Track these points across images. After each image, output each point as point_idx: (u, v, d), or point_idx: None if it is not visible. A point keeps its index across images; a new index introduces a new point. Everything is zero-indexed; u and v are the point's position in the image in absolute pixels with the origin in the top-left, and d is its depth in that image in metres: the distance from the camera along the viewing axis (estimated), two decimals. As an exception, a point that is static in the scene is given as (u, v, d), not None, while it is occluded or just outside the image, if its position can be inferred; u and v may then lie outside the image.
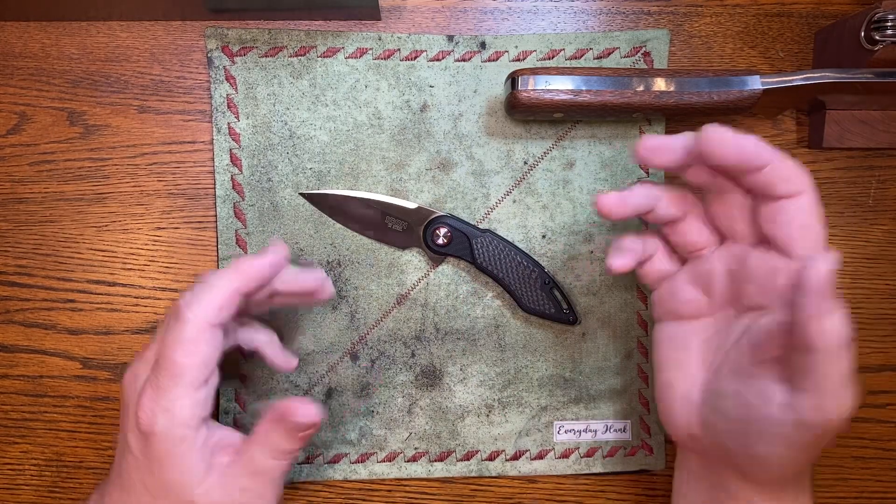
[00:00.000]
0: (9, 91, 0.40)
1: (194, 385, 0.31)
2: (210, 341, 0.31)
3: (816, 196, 0.30)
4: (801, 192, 0.30)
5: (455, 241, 0.40)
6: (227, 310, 0.31)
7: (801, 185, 0.30)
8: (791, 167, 0.30)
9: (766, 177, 0.30)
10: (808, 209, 0.30)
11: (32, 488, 0.42)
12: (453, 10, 0.41)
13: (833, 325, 0.26)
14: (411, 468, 0.42)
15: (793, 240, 0.30)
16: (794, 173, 0.30)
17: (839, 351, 0.27)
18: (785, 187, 0.30)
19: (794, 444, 0.29)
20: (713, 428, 0.33)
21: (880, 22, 0.36)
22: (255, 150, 0.40)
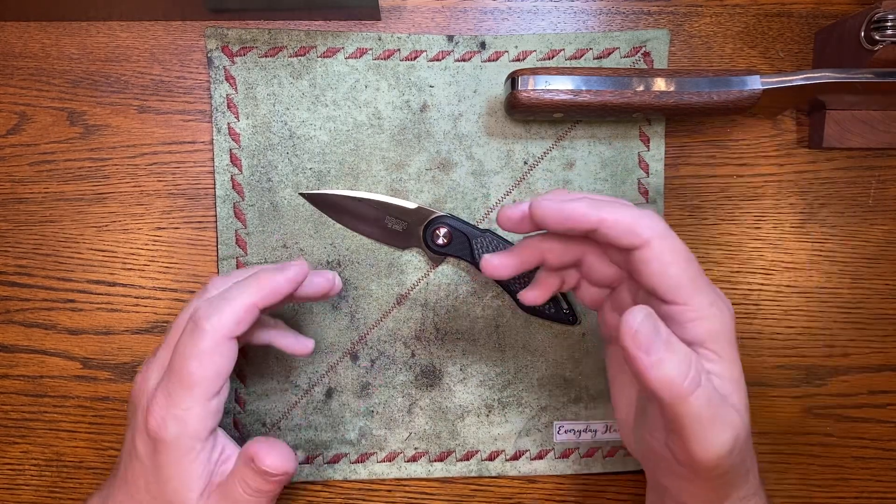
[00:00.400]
0: (9, 91, 0.40)
1: (207, 396, 0.31)
2: (225, 353, 0.31)
3: (666, 240, 0.29)
4: (646, 243, 0.29)
5: (455, 241, 0.40)
6: (244, 323, 0.32)
7: (642, 235, 0.29)
8: (628, 221, 0.29)
9: (603, 235, 0.30)
10: (657, 257, 0.29)
11: (32, 488, 0.42)
12: (453, 10, 0.41)
13: (665, 375, 0.27)
14: (411, 468, 0.42)
15: (653, 288, 0.30)
16: (633, 226, 0.29)
17: (685, 398, 0.27)
18: (626, 241, 0.29)
19: (688, 478, 0.30)
20: (636, 451, 0.34)
21: (880, 22, 0.36)
22: (255, 150, 0.40)
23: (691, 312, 0.29)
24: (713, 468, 0.28)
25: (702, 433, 0.27)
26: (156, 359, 0.33)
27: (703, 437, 0.28)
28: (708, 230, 0.42)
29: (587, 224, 0.30)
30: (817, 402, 0.43)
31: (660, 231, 0.29)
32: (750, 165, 0.42)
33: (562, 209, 0.30)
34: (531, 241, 0.34)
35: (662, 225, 0.29)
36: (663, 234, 0.29)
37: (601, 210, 0.29)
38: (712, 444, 0.28)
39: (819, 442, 0.43)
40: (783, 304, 0.43)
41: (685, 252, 0.29)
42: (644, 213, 0.30)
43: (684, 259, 0.29)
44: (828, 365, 0.43)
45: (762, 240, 0.42)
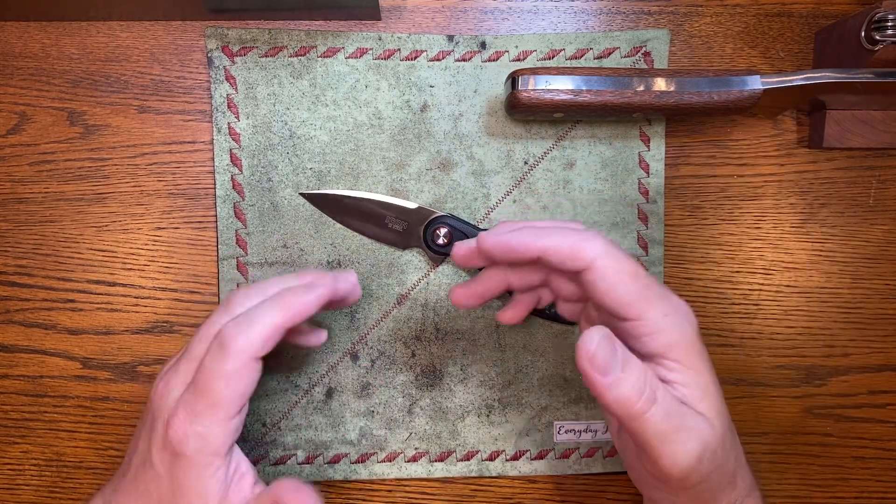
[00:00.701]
0: (9, 91, 0.40)
1: (230, 415, 0.31)
2: (251, 375, 0.31)
3: (609, 259, 0.30)
4: (589, 265, 0.30)
5: (455, 241, 0.40)
6: (271, 343, 0.32)
7: (585, 258, 0.30)
8: (569, 246, 0.30)
9: (549, 262, 0.31)
10: (602, 277, 0.29)
11: (32, 488, 0.42)
12: (453, 10, 0.41)
13: (619, 396, 0.27)
14: (411, 468, 0.42)
15: (605, 306, 0.30)
16: (573, 250, 0.30)
17: (640, 416, 0.27)
18: (570, 265, 0.30)
19: (668, 490, 0.30)
20: (624, 462, 0.35)
21: (880, 22, 0.36)
22: (255, 150, 0.40)
23: (645, 327, 0.29)
24: (684, 479, 0.29)
25: (665, 447, 0.28)
26: (178, 372, 0.33)
27: (666, 450, 0.28)
28: (708, 230, 0.42)
29: (530, 253, 0.31)
30: (817, 402, 0.43)
31: (600, 251, 0.30)
32: (750, 165, 0.42)
33: (507, 242, 0.31)
34: (494, 269, 0.35)
35: (604, 245, 0.30)
36: (604, 254, 0.30)
37: (542, 239, 0.30)
38: (678, 456, 0.28)
39: (819, 442, 0.43)
40: (783, 304, 0.43)
41: (631, 268, 0.30)
42: (586, 235, 0.30)
43: (629, 275, 0.30)
44: (828, 365, 0.43)
45: (762, 240, 0.42)
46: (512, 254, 0.31)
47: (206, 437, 0.31)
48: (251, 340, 0.31)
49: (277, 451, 0.41)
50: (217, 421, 0.31)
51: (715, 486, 0.30)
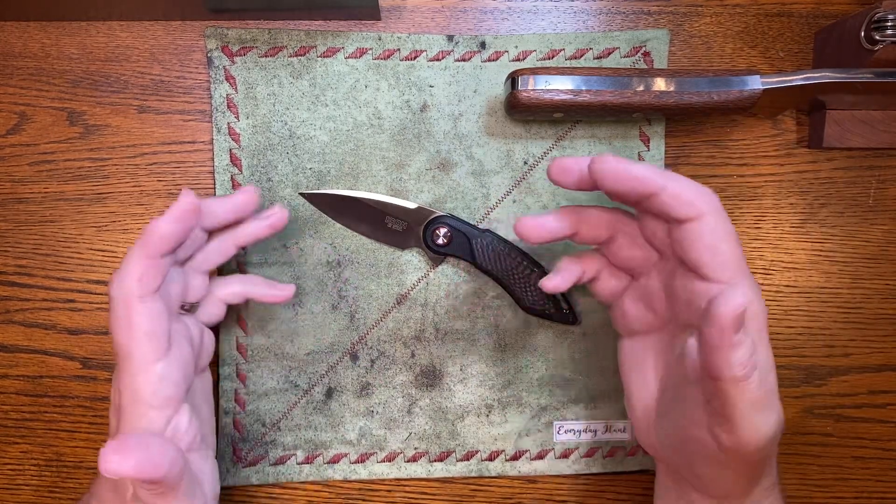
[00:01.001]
0: (9, 91, 0.40)
1: (146, 360, 0.31)
2: (145, 314, 0.31)
3: (720, 217, 0.29)
4: (702, 215, 0.29)
5: (455, 241, 0.40)
6: (149, 277, 0.31)
7: (700, 207, 0.29)
8: (688, 191, 0.29)
9: (661, 202, 0.30)
10: (712, 231, 0.29)
11: (32, 488, 0.42)
12: (453, 10, 0.41)
13: (737, 358, 0.26)
14: (411, 468, 0.42)
15: (701, 263, 0.30)
16: (692, 196, 0.29)
17: (744, 380, 0.27)
18: (684, 211, 0.29)
19: (726, 464, 0.30)
20: (663, 442, 0.34)
21: (880, 22, 0.36)
22: (255, 150, 0.40)
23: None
24: (756, 451, 0.28)
25: (751, 417, 0.27)
26: None
27: (751, 420, 0.28)
28: (708, 230, 0.42)
29: (649, 188, 0.29)
30: (817, 402, 0.43)
31: (716, 206, 0.29)
32: (750, 165, 0.42)
33: (628, 169, 0.30)
34: (570, 207, 0.34)
35: (718, 203, 0.30)
36: (719, 210, 0.29)
37: (664, 176, 0.30)
38: (760, 427, 0.28)
39: (819, 442, 0.43)
40: (783, 304, 0.43)
41: (735, 235, 0.30)
42: (704, 189, 0.30)
43: (735, 240, 0.29)
44: (828, 365, 0.43)
45: (762, 240, 0.42)
46: (628, 182, 0.30)
47: (132, 387, 0.31)
48: (125, 281, 0.31)
49: (277, 451, 0.41)
50: (137, 370, 0.30)
51: (768, 465, 0.30)
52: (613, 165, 0.30)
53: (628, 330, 0.36)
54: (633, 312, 0.35)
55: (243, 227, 0.35)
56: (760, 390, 0.27)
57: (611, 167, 0.30)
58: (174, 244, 0.32)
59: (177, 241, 0.32)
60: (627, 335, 0.36)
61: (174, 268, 0.33)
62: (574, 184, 0.32)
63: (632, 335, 0.36)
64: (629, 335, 0.36)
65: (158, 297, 0.32)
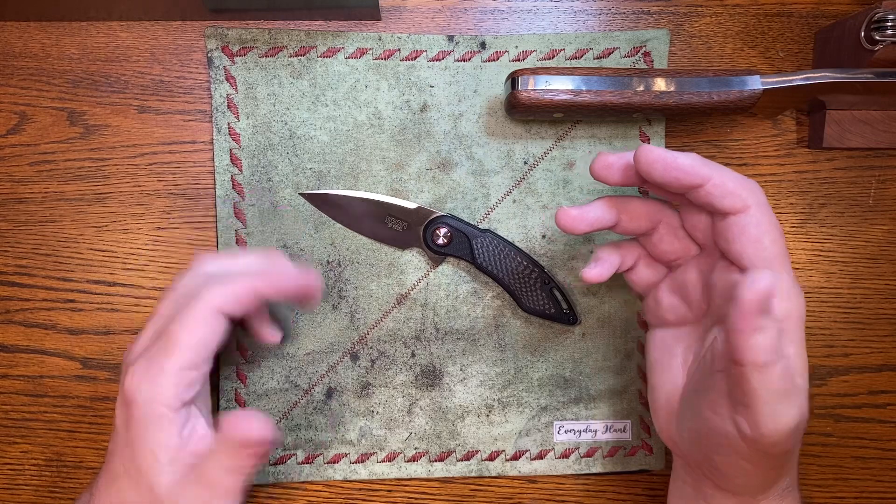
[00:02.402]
0: (9, 91, 0.40)
1: (185, 364, 0.30)
2: (213, 326, 0.31)
3: (765, 210, 0.30)
4: (747, 208, 0.29)
5: (455, 241, 0.40)
6: (241, 305, 0.31)
7: (746, 200, 0.29)
8: (733, 183, 0.29)
9: (706, 194, 0.30)
10: (756, 224, 0.29)
11: (32, 488, 0.42)
12: (453, 10, 0.41)
13: (760, 342, 0.26)
14: (411, 468, 0.42)
15: (743, 255, 0.30)
16: (738, 188, 0.29)
17: (766, 367, 0.27)
18: (728, 203, 0.29)
19: (746, 456, 0.29)
20: (684, 434, 0.34)
21: (880, 22, 0.36)
22: (255, 150, 0.40)
23: None
24: (775, 444, 0.28)
25: (772, 406, 0.27)
26: (144, 331, 0.33)
27: (772, 410, 0.27)
28: (708, 230, 0.42)
29: (695, 179, 0.30)
30: (817, 402, 0.43)
31: (761, 200, 0.30)
32: (750, 165, 0.42)
33: (675, 160, 0.30)
34: (612, 197, 0.34)
35: (764, 196, 0.30)
36: (763, 203, 0.30)
37: (710, 167, 0.30)
38: (780, 418, 0.28)
39: (819, 442, 0.43)
40: (783, 304, 0.43)
41: (780, 229, 0.30)
42: (751, 182, 0.30)
43: (779, 233, 0.30)
44: (828, 365, 0.43)
45: (762, 240, 0.42)
46: (675, 172, 0.30)
47: (157, 382, 0.30)
48: (223, 292, 0.31)
49: (277, 450, 0.41)
50: (171, 367, 0.30)
51: (789, 461, 0.30)
52: (660, 155, 0.30)
53: (660, 321, 0.36)
54: (667, 303, 0.35)
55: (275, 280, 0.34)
56: (783, 381, 0.27)
57: (657, 156, 0.30)
58: (278, 297, 0.33)
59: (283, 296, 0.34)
60: (659, 326, 0.36)
61: None
62: (618, 179, 0.32)
63: (663, 326, 0.36)
64: (661, 326, 0.36)
65: (228, 321, 0.32)
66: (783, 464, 0.30)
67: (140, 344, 0.33)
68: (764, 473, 0.30)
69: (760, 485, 0.31)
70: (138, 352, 0.32)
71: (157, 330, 0.32)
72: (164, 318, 0.32)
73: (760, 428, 0.28)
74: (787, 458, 0.30)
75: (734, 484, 0.31)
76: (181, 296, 0.33)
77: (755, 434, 0.28)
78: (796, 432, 0.29)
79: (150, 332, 0.33)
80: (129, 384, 0.30)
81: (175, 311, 0.31)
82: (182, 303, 0.31)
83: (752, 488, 0.31)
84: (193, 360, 0.31)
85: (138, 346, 0.33)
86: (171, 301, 0.33)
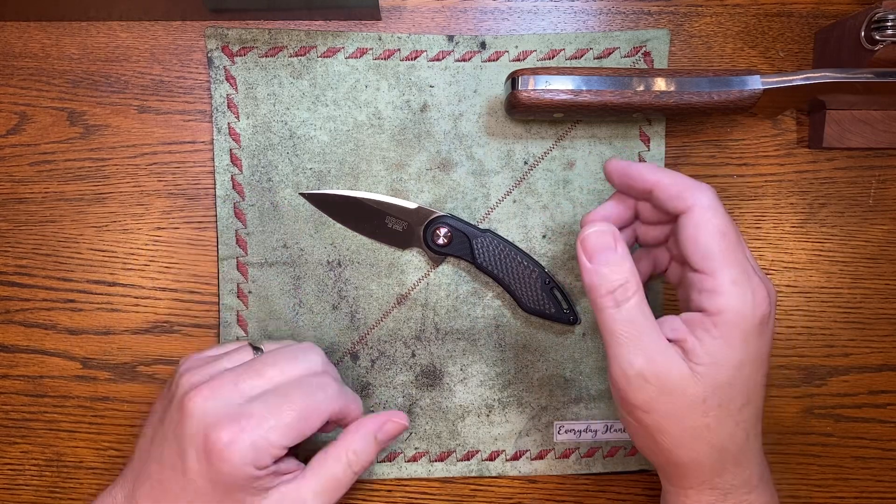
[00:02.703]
0: (9, 91, 0.40)
1: (287, 444, 0.32)
2: (318, 425, 0.34)
3: (711, 211, 0.31)
4: (689, 209, 0.31)
5: (455, 241, 0.40)
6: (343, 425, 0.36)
7: (687, 201, 0.31)
8: (678, 187, 0.32)
9: (655, 198, 0.33)
10: (695, 224, 0.31)
11: (32, 488, 0.42)
12: (453, 10, 0.41)
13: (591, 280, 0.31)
14: (411, 468, 0.42)
15: (685, 251, 0.32)
16: (682, 192, 0.31)
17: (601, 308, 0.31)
18: (672, 205, 0.32)
19: (619, 403, 0.32)
20: None
21: (880, 22, 0.36)
22: (256, 150, 0.40)
23: (708, 282, 0.30)
24: (622, 389, 0.31)
25: (613, 348, 0.31)
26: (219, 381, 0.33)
27: (613, 351, 0.31)
28: (708, 230, 0.42)
29: (643, 184, 0.33)
30: (817, 402, 0.43)
31: (705, 202, 0.31)
32: (750, 165, 0.42)
33: (626, 168, 0.34)
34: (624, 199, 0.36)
35: (711, 198, 0.31)
36: (706, 205, 0.31)
37: (657, 173, 0.33)
38: (622, 361, 0.31)
39: (819, 442, 0.43)
40: (783, 304, 0.43)
41: (724, 226, 0.31)
42: (699, 185, 0.32)
43: (719, 231, 0.31)
44: (828, 365, 0.43)
45: (762, 240, 0.42)
46: (627, 179, 0.34)
47: (259, 454, 0.31)
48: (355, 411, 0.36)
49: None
50: (276, 444, 0.32)
51: (675, 436, 0.31)
52: (616, 165, 0.34)
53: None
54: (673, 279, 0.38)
55: None
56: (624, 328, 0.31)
57: (615, 167, 0.34)
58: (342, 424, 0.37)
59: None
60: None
61: None
62: (617, 187, 0.36)
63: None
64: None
65: None
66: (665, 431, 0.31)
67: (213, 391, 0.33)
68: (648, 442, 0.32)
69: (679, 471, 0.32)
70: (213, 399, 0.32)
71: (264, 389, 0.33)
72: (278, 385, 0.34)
73: (609, 371, 0.31)
74: (663, 422, 0.31)
75: (659, 467, 0.34)
76: (305, 381, 0.34)
77: (610, 377, 0.32)
78: (643, 384, 0.30)
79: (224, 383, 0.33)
80: (225, 439, 0.31)
81: (296, 394, 0.33)
82: (307, 391, 0.33)
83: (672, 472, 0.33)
84: (294, 443, 0.33)
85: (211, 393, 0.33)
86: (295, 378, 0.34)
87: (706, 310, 0.30)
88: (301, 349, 0.36)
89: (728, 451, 0.31)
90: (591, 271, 0.31)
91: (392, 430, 0.36)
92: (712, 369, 0.30)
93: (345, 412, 0.35)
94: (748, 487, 0.32)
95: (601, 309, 0.31)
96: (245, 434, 0.31)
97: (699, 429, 0.31)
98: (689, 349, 0.30)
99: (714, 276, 0.30)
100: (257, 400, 0.32)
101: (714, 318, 0.30)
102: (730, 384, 0.30)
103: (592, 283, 0.31)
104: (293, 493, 0.33)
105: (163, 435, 0.33)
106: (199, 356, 0.36)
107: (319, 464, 0.34)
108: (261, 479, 0.32)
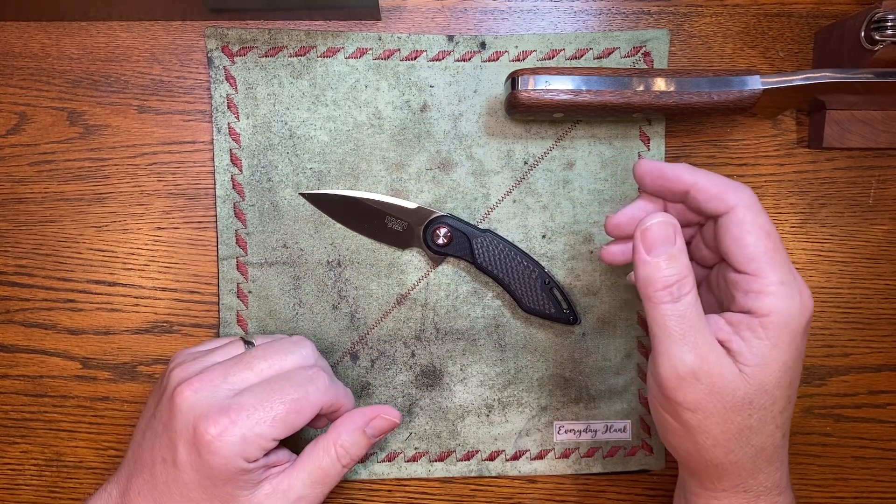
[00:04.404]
0: (9, 91, 0.40)
1: (278, 438, 0.32)
2: (310, 418, 0.34)
3: (752, 211, 0.30)
4: (730, 209, 0.30)
5: (455, 241, 0.40)
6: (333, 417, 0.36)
7: (728, 202, 0.30)
8: (717, 187, 0.31)
9: (693, 199, 0.32)
10: (738, 223, 0.30)
11: (32, 488, 0.42)
12: (453, 10, 0.41)
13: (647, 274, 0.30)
14: (411, 468, 0.42)
15: (728, 253, 0.31)
16: (721, 192, 0.31)
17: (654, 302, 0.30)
18: (713, 206, 0.31)
19: (659, 399, 0.31)
20: None
21: (880, 22, 0.36)
22: (255, 150, 0.40)
23: (756, 283, 0.30)
24: (670, 386, 0.30)
25: (663, 345, 0.30)
26: (208, 374, 0.33)
27: (663, 348, 0.30)
28: (708, 230, 0.42)
29: (680, 185, 0.32)
30: (817, 402, 0.43)
31: (746, 202, 0.30)
32: (750, 165, 0.42)
33: (660, 169, 0.32)
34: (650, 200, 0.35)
35: (751, 197, 0.31)
36: (748, 205, 0.30)
37: (694, 174, 0.32)
38: (672, 358, 0.29)
39: (819, 442, 0.43)
40: (783, 304, 0.43)
41: (768, 226, 0.30)
42: (738, 185, 0.31)
43: (764, 232, 0.30)
44: (828, 365, 0.43)
45: (762, 240, 0.42)
46: (660, 181, 0.32)
47: (248, 448, 0.31)
48: (346, 405, 0.36)
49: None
50: (267, 437, 0.32)
51: (717, 437, 0.30)
52: (649, 167, 0.33)
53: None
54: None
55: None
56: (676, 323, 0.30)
57: (647, 168, 0.33)
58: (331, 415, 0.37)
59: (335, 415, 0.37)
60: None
61: None
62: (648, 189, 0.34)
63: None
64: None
65: None
66: (705, 430, 0.30)
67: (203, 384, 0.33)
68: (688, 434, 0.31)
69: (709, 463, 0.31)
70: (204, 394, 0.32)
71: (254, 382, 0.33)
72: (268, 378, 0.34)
73: (655, 366, 0.30)
74: (707, 421, 0.30)
75: (690, 469, 0.33)
76: (296, 374, 0.34)
77: (654, 373, 0.30)
78: (693, 383, 0.29)
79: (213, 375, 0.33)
80: (214, 432, 0.31)
81: (287, 386, 0.33)
82: (297, 383, 0.33)
83: (706, 474, 0.32)
84: (284, 436, 0.33)
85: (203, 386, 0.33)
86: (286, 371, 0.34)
87: (754, 311, 0.30)
88: (292, 342, 0.36)
89: (765, 452, 0.31)
90: (649, 264, 0.30)
91: (382, 425, 0.36)
92: (759, 371, 0.29)
93: (336, 405, 0.35)
94: (779, 489, 0.32)
95: (656, 303, 0.30)
96: (235, 427, 0.31)
97: (742, 430, 0.30)
98: (735, 350, 0.30)
99: (761, 277, 0.30)
100: (247, 393, 0.32)
101: (762, 320, 0.29)
102: (776, 386, 0.30)
103: (649, 277, 0.30)
104: (283, 485, 0.33)
105: (154, 429, 0.33)
106: (190, 351, 0.36)
107: (308, 455, 0.35)
108: (251, 472, 0.32)
